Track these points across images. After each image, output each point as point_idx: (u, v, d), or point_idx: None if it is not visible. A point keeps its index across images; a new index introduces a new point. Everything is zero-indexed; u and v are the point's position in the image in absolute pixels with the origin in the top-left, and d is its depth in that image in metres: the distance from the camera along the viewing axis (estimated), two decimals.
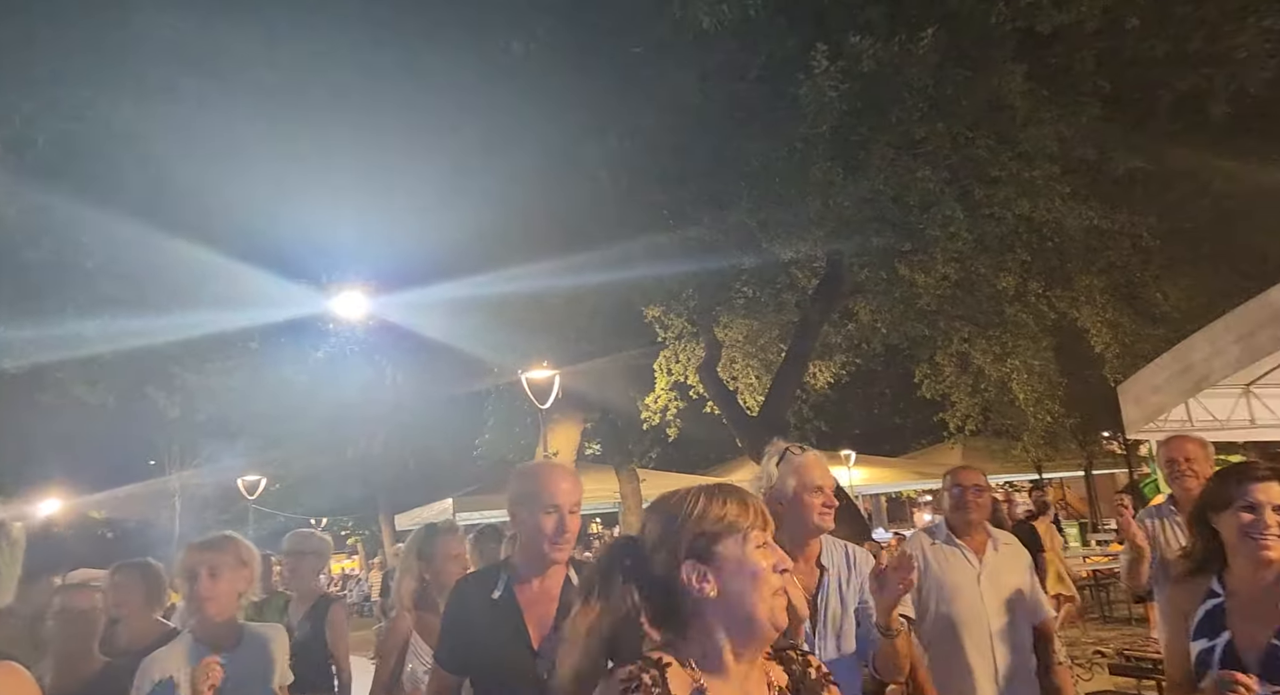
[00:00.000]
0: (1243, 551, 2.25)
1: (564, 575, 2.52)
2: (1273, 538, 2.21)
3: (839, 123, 7.55)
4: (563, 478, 2.51)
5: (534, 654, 2.39)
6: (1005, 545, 3.63)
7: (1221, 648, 2.24)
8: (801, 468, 2.67)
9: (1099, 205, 8.87)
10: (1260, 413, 9.41)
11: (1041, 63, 8.01)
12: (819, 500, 2.61)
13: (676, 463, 17.86)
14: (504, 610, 2.44)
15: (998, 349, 12.57)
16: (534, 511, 2.44)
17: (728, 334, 13.24)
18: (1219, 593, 2.32)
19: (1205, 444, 4.00)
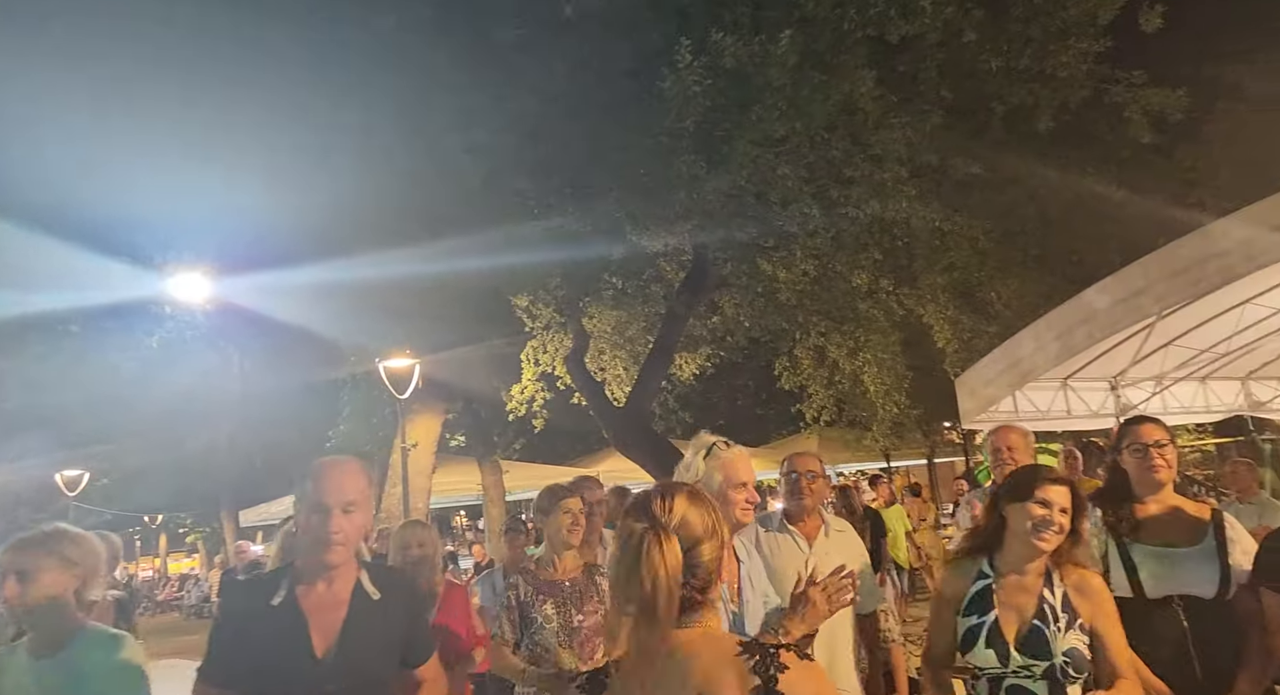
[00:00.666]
0: (1025, 540, 2.50)
1: (354, 579, 2.36)
2: (1052, 534, 2.49)
3: (703, 118, 7.71)
4: (337, 474, 2.32)
5: (316, 663, 2.22)
6: (838, 532, 3.70)
7: (989, 625, 2.47)
8: (728, 464, 2.68)
9: (941, 208, 9.47)
10: (1075, 404, 10.32)
11: (890, 70, 8.46)
12: (742, 496, 2.63)
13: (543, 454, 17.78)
14: (285, 617, 2.25)
15: (851, 343, 13.16)
16: (307, 511, 2.29)
17: (595, 325, 13.29)
18: (989, 574, 2.56)
19: (1026, 434, 4.32)
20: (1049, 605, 2.46)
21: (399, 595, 2.43)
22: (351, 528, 2.30)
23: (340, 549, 2.28)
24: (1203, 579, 2.86)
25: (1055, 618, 2.44)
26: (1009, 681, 2.42)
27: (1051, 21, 8.02)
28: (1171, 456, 3.09)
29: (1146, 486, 3.05)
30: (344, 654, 2.25)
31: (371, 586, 2.36)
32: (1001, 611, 2.48)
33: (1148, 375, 10.32)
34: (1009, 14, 8.12)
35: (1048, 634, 2.41)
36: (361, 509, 2.33)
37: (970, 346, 11.95)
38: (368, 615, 2.32)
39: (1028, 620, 2.44)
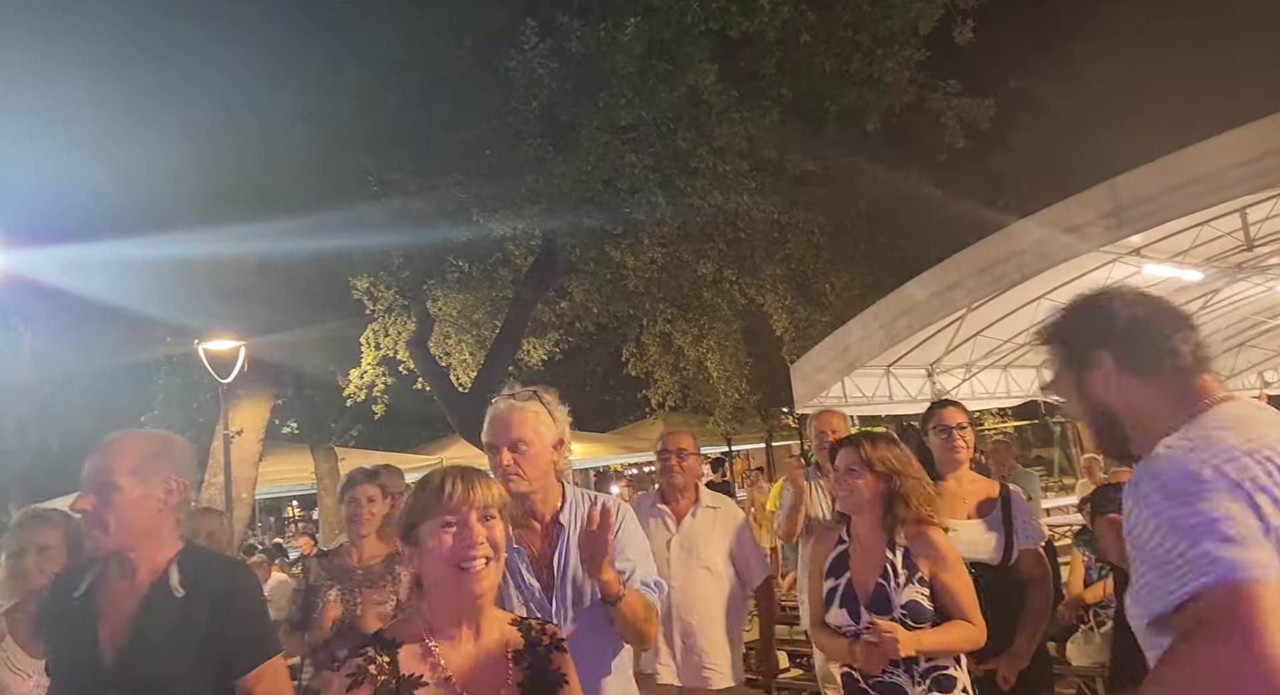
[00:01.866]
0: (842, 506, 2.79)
1: (160, 568, 2.05)
2: (844, 496, 2.73)
3: (549, 101, 7.65)
4: (94, 456, 2.05)
5: (100, 666, 1.95)
6: (711, 508, 3.74)
7: (842, 587, 2.66)
8: (487, 421, 2.41)
9: (779, 201, 9.87)
10: (897, 390, 11.08)
11: (733, 65, 8.71)
12: (495, 459, 2.32)
13: (384, 441, 17.18)
14: (80, 611, 2.02)
15: (696, 331, 13.51)
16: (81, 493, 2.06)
17: (440, 309, 12.95)
18: (846, 540, 2.76)
19: (846, 417, 4.61)
20: (890, 563, 2.63)
21: (211, 590, 2.06)
22: (111, 509, 2.00)
23: (95, 534, 2.00)
24: (991, 547, 3.15)
25: (896, 574, 2.61)
26: (864, 638, 2.57)
27: (878, 28, 8.53)
28: (970, 438, 3.39)
29: (948, 464, 3.33)
30: (129, 657, 1.95)
31: (176, 579, 2.04)
32: (854, 573, 2.67)
33: (959, 363, 11.25)
34: (840, 20, 8.56)
35: (889, 590, 2.58)
36: (131, 487, 2.02)
37: (805, 335, 12.55)
38: (164, 613, 1.99)
39: (874, 579, 2.62)
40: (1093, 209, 7.37)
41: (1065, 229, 7.57)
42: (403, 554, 1.65)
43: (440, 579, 1.58)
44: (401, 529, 1.66)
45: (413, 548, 1.63)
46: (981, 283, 8.42)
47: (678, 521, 3.69)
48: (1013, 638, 3.02)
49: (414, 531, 1.62)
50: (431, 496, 1.62)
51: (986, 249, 8.33)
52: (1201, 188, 6.62)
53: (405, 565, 1.63)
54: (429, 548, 1.58)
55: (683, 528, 3.67)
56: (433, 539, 1.58)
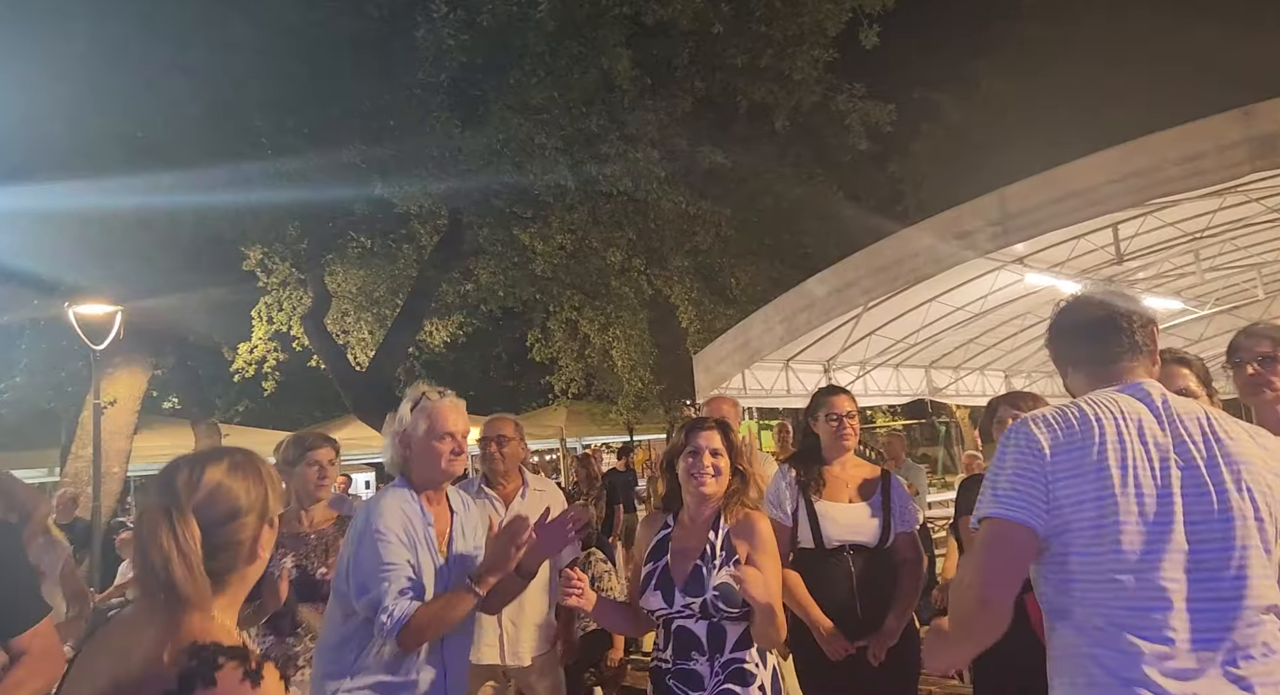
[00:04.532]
0: (688, 489, 2.61)
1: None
2: (708, 477, 2.57)
3: (458, 74, 7.47)
4: None
5: None
6: (538, 491, 3.83)
7: (659, 570, 2.56)
8: (434, 413, 2.57)
9: (689, 192, 9.95)
10: (794, 384, 11.36)
11: (647, 53, 8.72)
12: (448, 446, 2.53)
13: (271, 419, 16.49)
14: None
15: (602, 319, 13.51)
16: None
17: (339, 284, 12.54)
18: (669, 525, 2.67)
19: (736, 403, 4.68)
20: (710, 545, 2.55)
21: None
22: None
23: None
24: (870, 530, 3.26)
25: (714, 556, 2.53)
26: (676, 623, 2.51)
27: (788, 25, 8.68)
28: (856, 425, 3.50)
29: (834, 450, 3.42)
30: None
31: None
32: (672, 557, 2.58)
33: (854, 360, 11.61)
34: (752, 14, 8.67)
35: (704, 572, 2.51)
36: None
37: (710, 327, 12.73)
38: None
39: (692, 563, 2.54)
40: (982, 217, 7.72)
41: (956, 235, 7.91)
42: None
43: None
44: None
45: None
46: (878, 282, 8.71)
47: (505, 505, 3.75)
48: (884, 617, 3.14)
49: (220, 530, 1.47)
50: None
51: (884, 250, 8.61)
52: (1078, 202, 7.03)
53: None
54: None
55: (511, 510, 3.73)
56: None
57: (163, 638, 1.28)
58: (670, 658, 2.51)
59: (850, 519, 3.30)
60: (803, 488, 3.38)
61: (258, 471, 1.48)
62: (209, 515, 1.39)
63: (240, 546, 1.42)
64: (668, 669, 2.51)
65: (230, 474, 1.44)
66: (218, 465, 1.45)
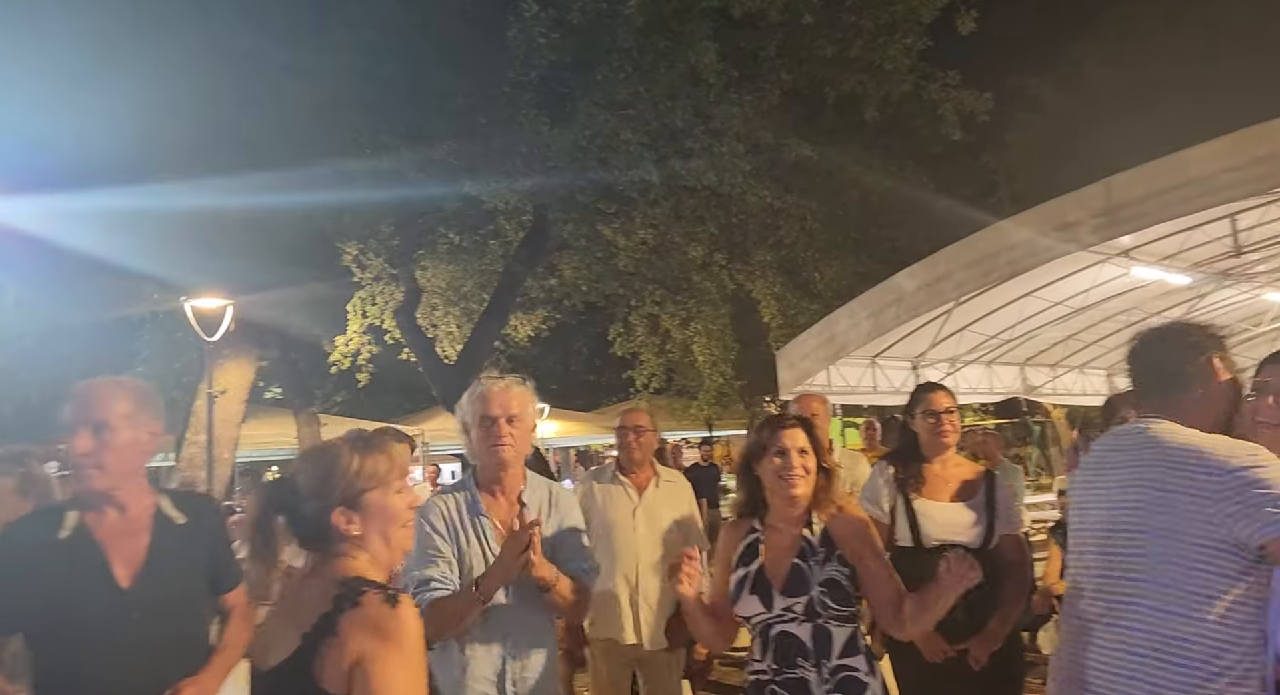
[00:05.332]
0: (778, 492, 2.48)
1: (152, 504, 2.28)
2: (798, 477, 2.44)
3: (547, 72, 7.58)
4: (85, 392, 2.20)
5: (121, 593, 2.15)
6: (669, 482, 3.90)
7: (753, 573, 2.45)
8: (480, 397, 2.59)
9: (774, 186, 9.84)
10: (881, 381, 11.13)
11: (734, 46, 8.65)
12: (488, 431, 2.54)
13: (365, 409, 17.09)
14: (77, 548, 2.15)
15: (684, 313, 13.50)
16: (67, 438, 2.16)
17: (429, 279, 12.87)
18: (758, 529, 2.54)
19: (826, 401, 4.62)
20: (807, 542, 2.46)
21: (204, 519, 2.39)
22: (107, 450, 2.15)
23: (93, 472, 2.15)
24: (972, 530, 3.18)
25: (813, 553, 2.44)
26: (776, 627, 2.40)
27: (881, 15, 8.48)
28: (956, 422, 3.42)
29: (934, 448, 3.35)
30: (151, 581, 2.18)
31: (174, 511, 2.30)
32: (767, 560, 2.47)
33: (943, 357, 11.30)
34: (843, 3, 8.50)
35: (805, 569, 2.41)
36: (123, 429, 2.18)
37: (793, 322, 12.56)
38: (173, 540, 2.26)
39: (789, 562, 2.43)
40: (1085, 208, 7.39)
41: (1057, 227, 7.60)
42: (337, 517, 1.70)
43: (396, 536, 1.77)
44: (343, 496, 1.71)
45: (355, 512, 1.71)
46: (971, 276, 8.45)
47: (639, 492, 3.80)
48: (987, 620, 3.06)
49: (360, 498, 1.72)
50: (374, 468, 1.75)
51: (978, 243, 8.35)
52: (1192, 191, 6.65)
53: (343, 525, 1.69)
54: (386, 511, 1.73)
55: (645, 498, 3.79)
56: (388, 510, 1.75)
57: (322, 579, 1.63)
58: (772, 666, 2.38)
59: (950, 518, 3.23)
60: (901, 485, 3.33)
61: (385, 449, 1.78)
62: (351, 487, 1.69)
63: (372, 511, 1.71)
64: (769, 679, 2.38)
65: (362, 451, 1.73)
66: (354, 444, 1.77)
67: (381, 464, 1.74)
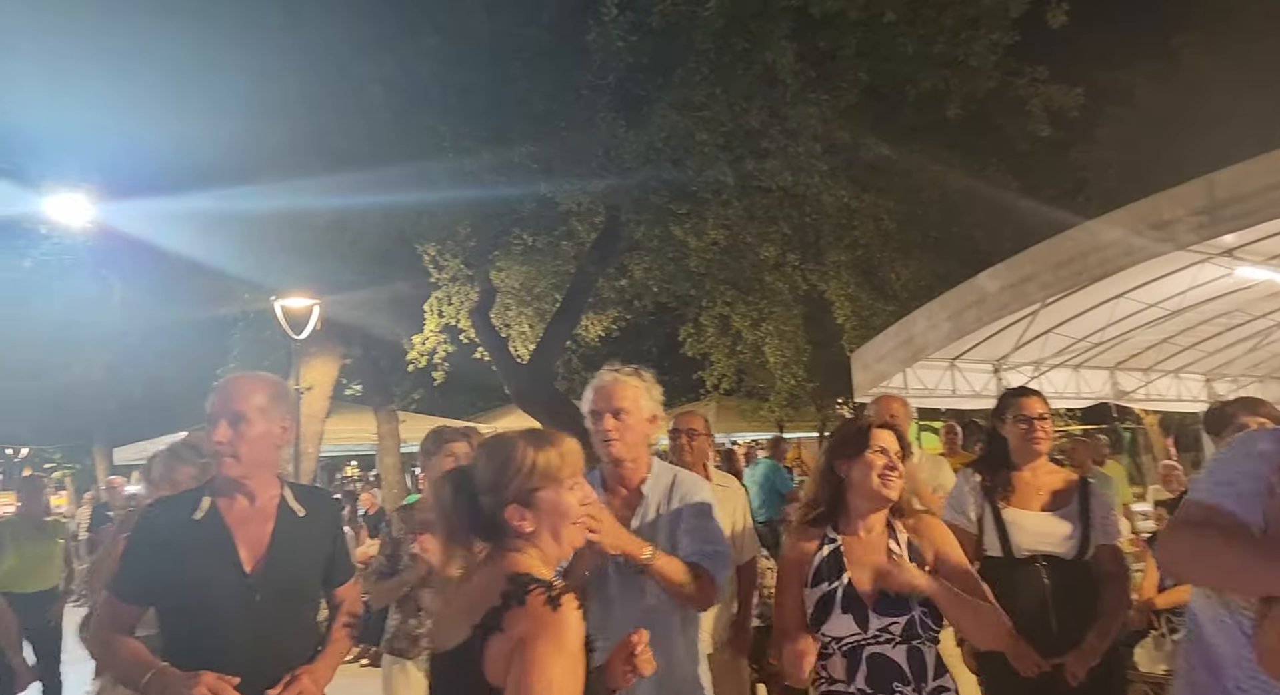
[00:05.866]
0: (870, 493, 2.36)
1: (278, 493, 2.42)
2: (895, 478, 2.37)
3: (625, 75, 7.62)
4: (227, 385, 2.37)
5: (244, 575, 2.27)
6: (720, 487, 3.77)
7: (843, 589, 2.31)
8: (589, 390, 2.63)
9: (850, 186, 9.67)
10: (960, 384, 10.84)
11: (811, 45, 8.53)
12: (593, 425, 2.55)
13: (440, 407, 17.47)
14: (209, 530, 2.29)
15: (755, 314, 13.40)
16: (207, 425, 2.31)
17: (503, 280, 13.08)
18: (834, 538, 2.40)
19: (907, 403, 4.53)
20: (897, 556, 2.34)
21: (323, 513, 2.51)
22: (243, 440, 2.28)
23: (229, 461, 2.28)
24: (1065, 540, 3.07)
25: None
26: (869, 649, 2.27)
27: (966, 10, 8.25)
28: (1049, 428, 3.31)
29: (1025, 455, 3.25)
30: (272, 566, 2.31)
31: (296, 503, 2.43)
32: (854, 572, 2.33)
33: (1027, 360, 10.94)
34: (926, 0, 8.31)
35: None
36: (256, 423, 2.31)
37: (867, 324, 12.33)
38: (294, 530, 2.39)
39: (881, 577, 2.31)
40: (1184, 206, 7.06)
41: (1153, 226, 7.27)
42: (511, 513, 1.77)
43: (565, 529, 1.80)
44: (517, 493, 1.79)
45: (528, 509, 1.78)
46: (1059, 277, 8.16)
47: None
48: (1084, 634, 2.95)
49: (533, 496, 1.78)
50: (547, 465, 1.81)
51: (1066, 243, 8.05)
52: None
53: (516, 521, 1.76)
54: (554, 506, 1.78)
55: None
56: (553, 500, 1.79)
57: (494, 571, 1.72)
58: (863, 689, 2.26)
59: (1042, 527, 3.13)
60: (988, 493, 3.24)
61: (558, 445, 1.84)
62: (525, 484, 1.77)
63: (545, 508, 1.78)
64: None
65: (537, 447, 1.80)
66: (482, 442, 1.94)
67: (554, 460, 1.79)
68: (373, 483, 16.24)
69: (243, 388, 2.36)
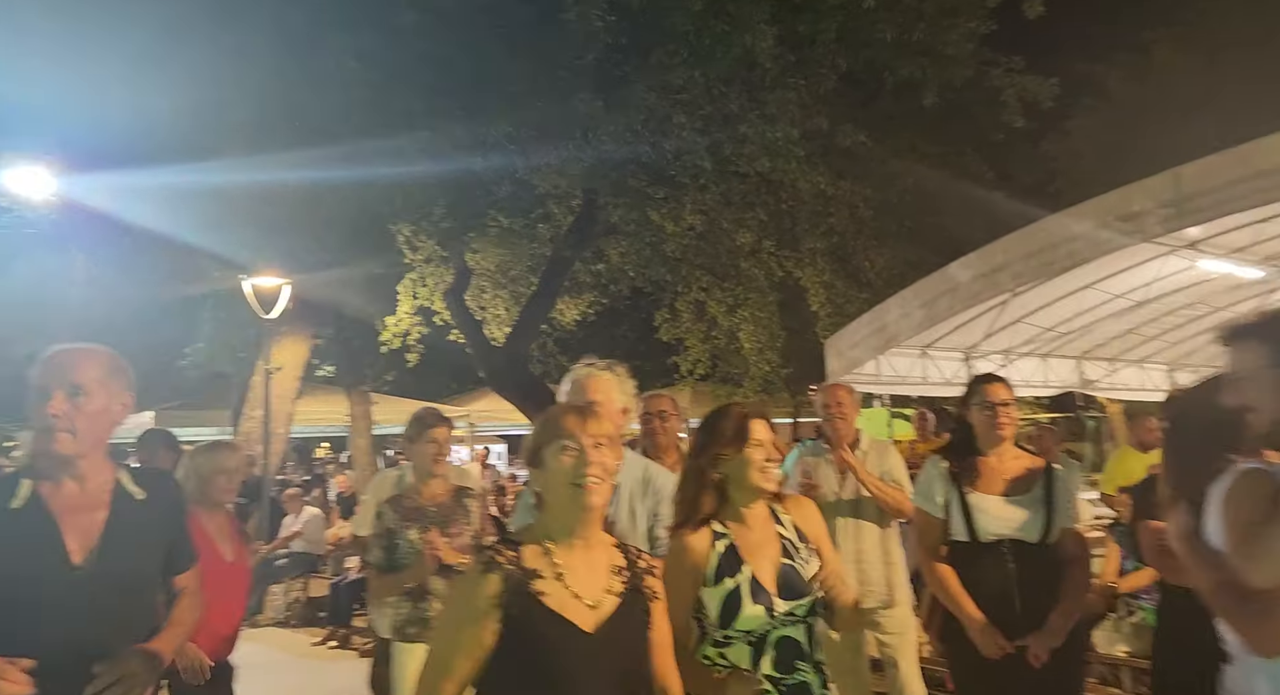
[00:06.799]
0: (751, 487, 2.32)
1: (113, 477, 2.21)
2: (774, 468, 2.34)
3: (603, 55, 7.56)
4: (63, 356, 2.15)
5: (73, 568, 2.06)
6: None
7: (748, 582, 2.25)
8: (575, 382, 2.71)
9: (827, 172, 9.69)
10: (932, 372, 10.95)
11: (791, 30, 8.51)
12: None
13: (414, 389, 17.36)
14: (30, 519, 2.06)
15: (731, 300, 13.39)
16: (32, 397, 2.10)
17: (479, 262, 12.98)
18: (724, 533, 2.33)
19: (854, 391, 4.54)
20: (787, 540, 2.35)
21: (165, 498, 2.31)
22: (80, 415, 2.08)
23: (64, 436, 2.06)
24: (1030, 525, 3.13)
25: (796, 550, 2.35)
26: (776, 634, 2.26)
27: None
28: (1015, 414, 3.36)
29: (990, 441, 3.29)
30: (106, 558, 2.10)
31: (135, 487, 2.22)
32: (753, 564, 2.29)
33: (997, 349, 11.07)
34: None
35: (798, 568, 2.31)
36: (95, 396, 2.12)
37: (842, 311, 12.37)
38: (131, 517, 2.18)
39: (778, 563, 2.30)
40: (1153, 198, 7.16)
41: (1121, 217, 7.37)
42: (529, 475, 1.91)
43: (558, 494, 1.86)
44: (527, 453, 1.93)
45: (537, 469, 1.91)
46: (1029, 267, 8.25)
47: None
48: (1047, 616, 3.01)
49: (538, 454, 1.89)
50: (551, 426, 1.90)
51: (1038, 233, 8.15)
52: (1270, 182, 6.40)
53: (530, 485, 1.90)
54: (551, 468, 1.86)
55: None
56: (554, 461, 1.85)
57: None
58: (772, 675, 2.23)
59: (1007, 512, 3.18)
60: (955, 479, 3.28)
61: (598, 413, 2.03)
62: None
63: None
64: (767, 689, 2.23)
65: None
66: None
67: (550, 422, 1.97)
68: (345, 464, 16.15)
69: (80, 359, 2.15)
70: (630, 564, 1.94)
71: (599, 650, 1.76)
